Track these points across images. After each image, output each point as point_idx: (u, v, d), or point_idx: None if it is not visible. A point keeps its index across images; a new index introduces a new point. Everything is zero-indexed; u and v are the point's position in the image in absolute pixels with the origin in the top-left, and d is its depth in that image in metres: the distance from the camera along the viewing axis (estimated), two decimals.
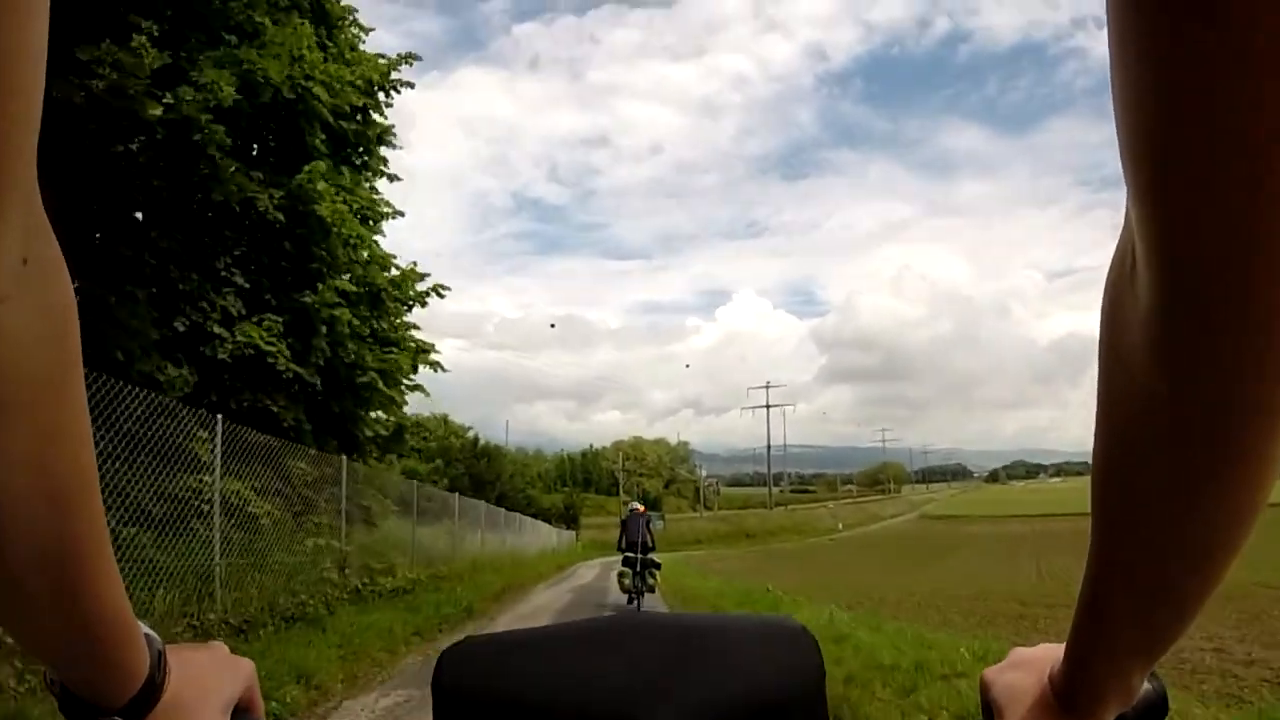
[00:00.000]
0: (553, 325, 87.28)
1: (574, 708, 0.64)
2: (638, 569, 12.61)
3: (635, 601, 12.46)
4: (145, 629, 0.53)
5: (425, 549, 16.00)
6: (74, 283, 0.38)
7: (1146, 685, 0.58)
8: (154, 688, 0.53)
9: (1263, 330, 0.30)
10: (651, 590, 13.02)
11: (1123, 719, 0.58)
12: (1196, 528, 0.41)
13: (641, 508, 14.09)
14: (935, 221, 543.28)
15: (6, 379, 0.35)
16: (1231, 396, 0.33)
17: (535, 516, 39.92)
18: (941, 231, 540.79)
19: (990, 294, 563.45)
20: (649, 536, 12.91)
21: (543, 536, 37.21)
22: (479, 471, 49.18)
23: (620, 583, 13.28)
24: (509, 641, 0.71)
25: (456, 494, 22.38)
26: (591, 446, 77.87)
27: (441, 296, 15.40)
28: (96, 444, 0.44)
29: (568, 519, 44.11)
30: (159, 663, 0.54)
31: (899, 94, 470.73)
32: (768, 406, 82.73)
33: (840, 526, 72.25)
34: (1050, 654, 0.62)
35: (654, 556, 12.93)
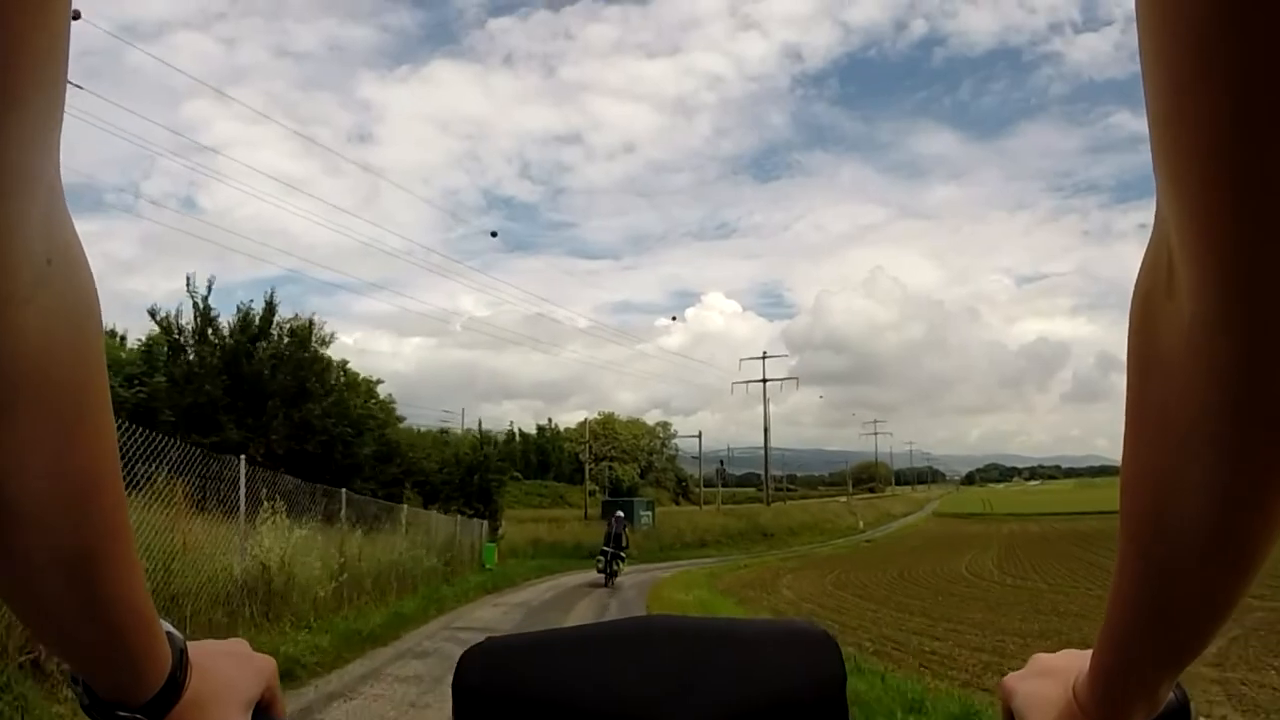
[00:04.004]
0: (494, 234, 73.50)
1: (594, 709, 0.65)
2: (608, 558, 19.79)
3: (608, 581, 19.45)
4: (167, 627, 0.53)
5: None
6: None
7: (1169, 695, 0.57)
8: (176, 686, 0.53)
9: None
10: (615, 574, 19.82)
11: None
12: (1232, 536, 0.40)
13: (621, 514, 22.06)
14: (906, 224, 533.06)
15: (30, 379, 0.35)
16: (1273, 402, 0.33)
17: (433, 502, 25.90)
18: (912, 234, 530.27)
19: (960, 298, 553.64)
20: (625, 537, 20.43)
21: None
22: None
23: (596, 566, 20.90)
24: (529, 642, 0.71)
25: None
26: (551, 422, 61.08)
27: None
28: None
29: (479, 499, 28.42)
30: (181, 661, 0.54)
31: (873, 96, 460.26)
32: (764, 380, 68.22)
33: (861, 524, 62.34)
34: (1074, 661, 0.61)
35: (623, 553, 20.26)
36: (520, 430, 59.93)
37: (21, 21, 0.28)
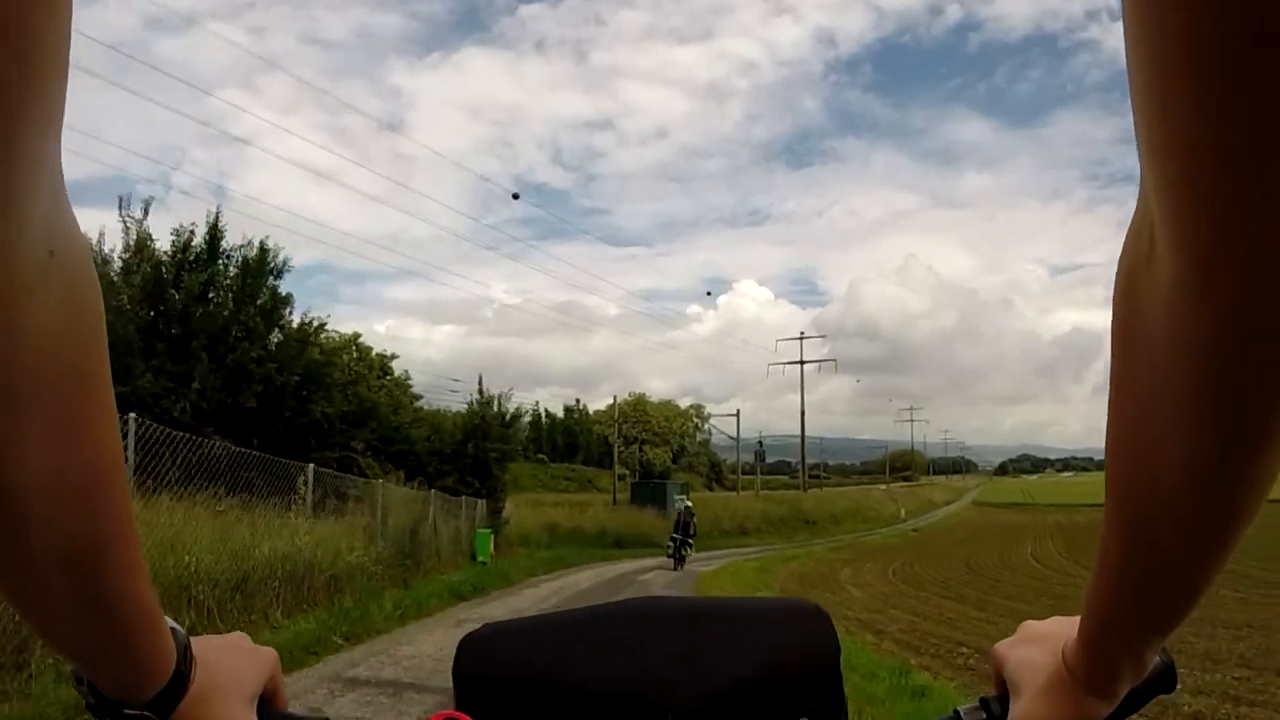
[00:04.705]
0: (515, 195, 68.78)
1: (593, 691, 0.66)
2: (677, 544, 21.31)
3: (677, 565, 20.83)
4: (170, 622, 0.53)
5: None
6: None
7: (1155, 658, 0.59)
8: (181, 681, 0.53)
9: None
10: (684, 559, 21.25)
11: (1134, 692, 0.59)
12: (1213, 503, 0.41)
13: (689, 504, 24.38)
14: (939, 213, 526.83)
15: (33, 372, 0.35)
16: (1258, 376, 0.33)
17: (425, 480, 19.47)
18: (945, 223, 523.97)
19: (994, 287, 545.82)
20: (691, 525, 22.02)
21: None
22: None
23: (666, 551, 22.34)
24: (529, 627, 0.72)
25: None
26: (579, 403, 58.35)
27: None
28: None
29: (475, 473, 23.04)
30: (185, 656, 0.54)
31: (906, 82, 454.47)
32: (801, 362, 65.16)
33: (903, 513, 59.60)
34: (1062, 628, 0.62)
35: (690, 540, 21.81)
36: (547, 411, 57.32)
37: (35, 14, 0.28)
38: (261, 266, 17.99)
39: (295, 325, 18.90)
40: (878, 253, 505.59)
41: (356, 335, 25.10)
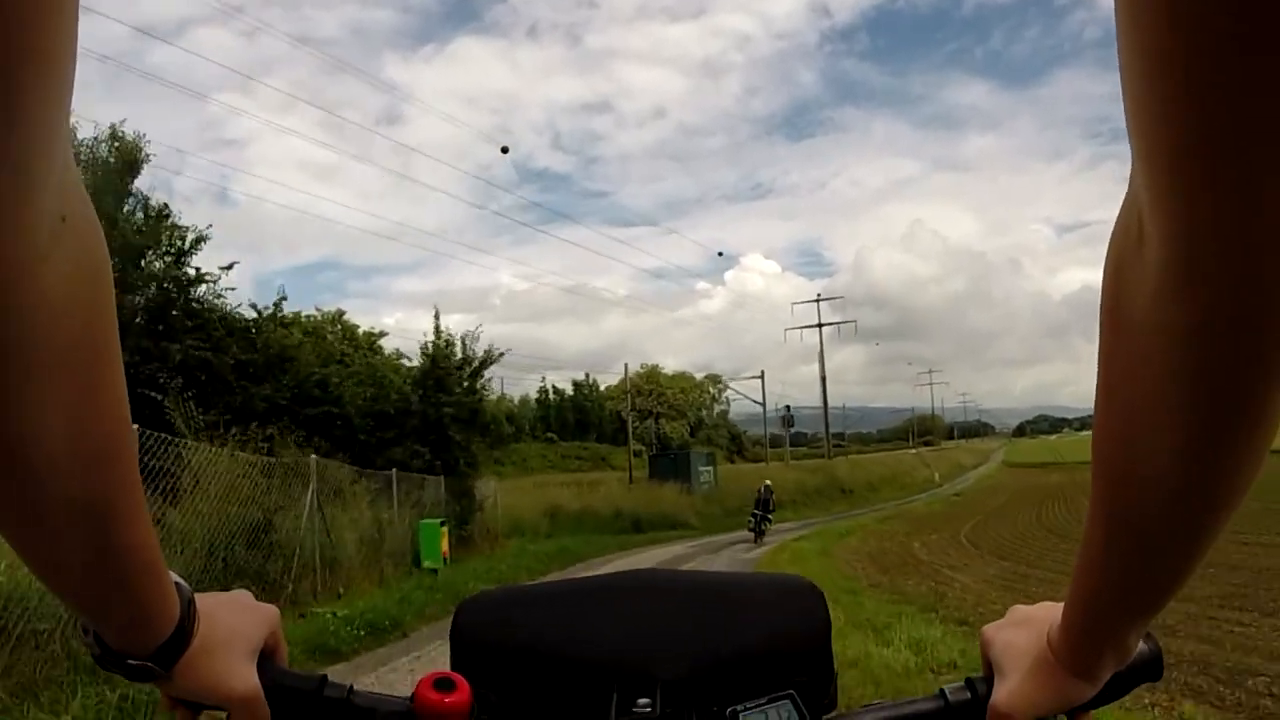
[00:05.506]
0: (505, 149, 56.01)
1: (587, 658, 0.67)
2: (758, 519, 21.90)
3: (758, 538, 21.31)
4: (175, 577, 0.55)
5: None
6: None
7: (1142, 645, 0.61)
8: (184, 634, 0.55)
9: (1272, 293, 0.32)
10: (763, 533, 21.64)
11: (1119, 677, 0.60)
12: (1196, 485, 0.42)
13: (769, 482, 23.76)
14: (942, 177, 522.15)
15: (44, 337, 0.35)
16: (1244, 362, 0.34)
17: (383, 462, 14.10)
18: (949, 187, 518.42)
19: (1001, 249, 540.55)
20: (770, 501, 22.44)
21: None
22: None
23: (747, 525, 22.11)
24: (526, 593, 0.75)
25: None
26: (589, 378, 54.64)
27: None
28: None
29: (431, 443, 16.25)
30: (189, 611, 0.56)
31: (903, 49, 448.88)
32: (819, 325, 61.82)
33: (937, 477, 56.28)
34: (1049, 612, 0.63)
35: (770, 515, 22.30)
36: (554, 387, 53.74)
37: None
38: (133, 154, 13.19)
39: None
40: (883, 221, 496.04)
41: (340, 312, 21.23)
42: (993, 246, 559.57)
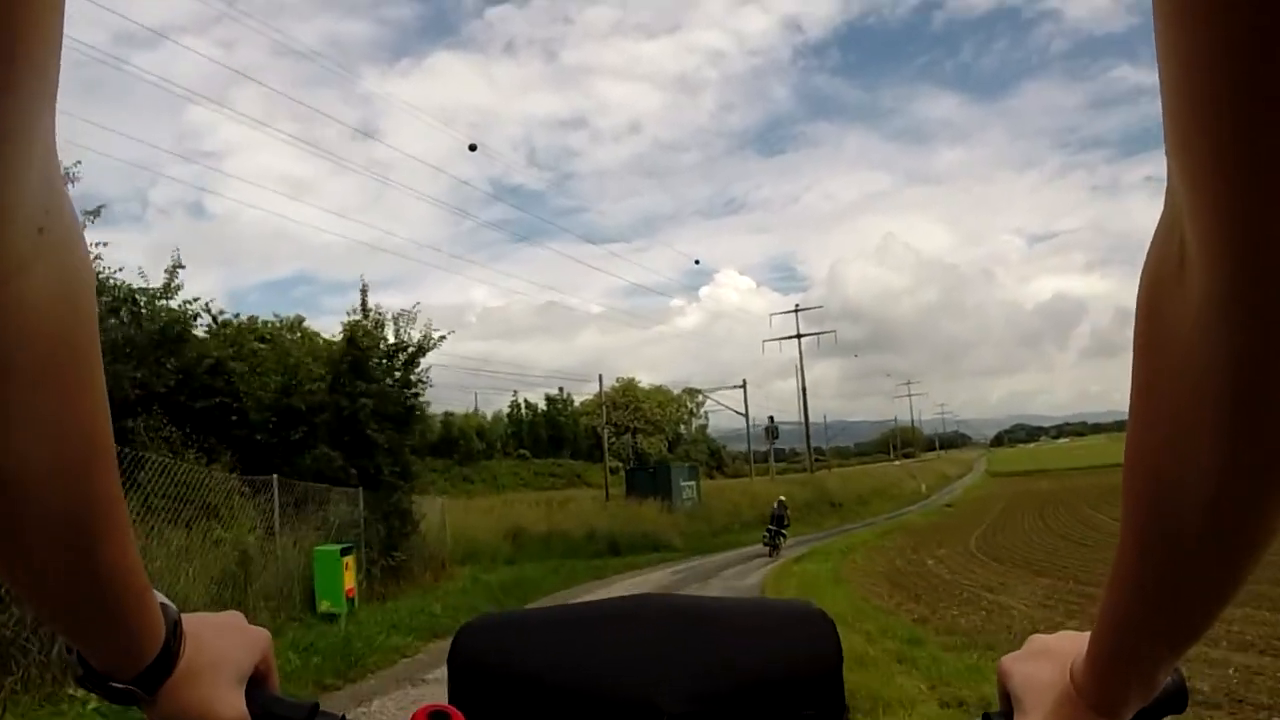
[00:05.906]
0: (472, 147, 36.43)
1: (588, 685, 0.66)
2: (772, 534, 21.62)
3: (773, 552, 21.01)
4: (161, 598, 0.53)
5: None
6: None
7: (1166, 679, 0.57)
8: (170, 657, 0.53)
9: None
10: (778, 547, 21.35)
11: (1143, 713, 0.57)
12: (1238, 519, 0.40)
13: (783, 498, 23.64)
14: (914, 190, 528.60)
15: (25, 348, 0.35)
16: None
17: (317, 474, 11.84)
18: (921, 200, 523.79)
19: (973, 260, 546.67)
20: (785, 517, 22.21)
21: None
22: None
23: (761, 540, 21.63)
24: (526, 619, 0.73)
25: None
26: (562, 392, 52.26)
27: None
28: None
29: (345, 446, 13.00)
30: (175, 632, 0.54)
31: (874, 64, 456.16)
32: (799, 336, 60.05)
33: (924, 489, 55.83)
34: (1071, 644, 0.60)
35: (784, 530, 22.00)
36: (527, 402, 51.34)
37: None
38: None
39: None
40: (856, 234, 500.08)
41: (300, 318, 17.96)
42: (965, 258, 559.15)
